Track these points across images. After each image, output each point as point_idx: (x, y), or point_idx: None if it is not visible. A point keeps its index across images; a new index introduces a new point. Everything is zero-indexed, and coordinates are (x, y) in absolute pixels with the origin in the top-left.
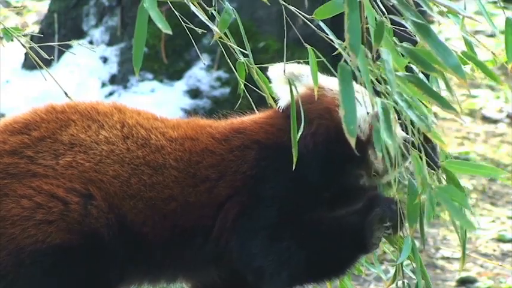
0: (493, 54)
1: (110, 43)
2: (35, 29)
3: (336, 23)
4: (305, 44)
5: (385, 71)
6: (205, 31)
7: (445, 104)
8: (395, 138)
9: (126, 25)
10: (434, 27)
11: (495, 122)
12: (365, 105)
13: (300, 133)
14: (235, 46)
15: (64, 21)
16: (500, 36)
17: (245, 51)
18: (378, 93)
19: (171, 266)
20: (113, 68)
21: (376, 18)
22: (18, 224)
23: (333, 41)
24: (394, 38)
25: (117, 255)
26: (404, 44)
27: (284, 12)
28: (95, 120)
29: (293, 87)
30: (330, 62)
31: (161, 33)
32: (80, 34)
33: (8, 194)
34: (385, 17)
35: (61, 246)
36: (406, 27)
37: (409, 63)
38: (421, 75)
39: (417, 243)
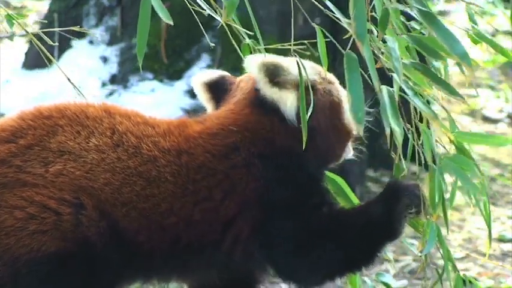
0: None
1: (110, 43)
2: (35, 29)
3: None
4: (312, 23)
5: (391, 59)
6: (210, 17)
7: (452, 91)
8: (401, 125)
9: (126, 25)
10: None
11: (495, 122)
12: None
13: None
14: (241, 28)
15: (64, 21)
16: (500, 36)
17: (250, 33)
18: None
19: (168, 272)
20: (113, 68)
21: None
22: (12, 234)
23: (339, 20)
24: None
25: (111, 262)
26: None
27: (292, 6)
28: (84, 126)
29: (302, 70)
30: (331, 61)
31: (161, 32)
32: (80, 34)
33: (0, 205)
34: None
35: (56, 254)
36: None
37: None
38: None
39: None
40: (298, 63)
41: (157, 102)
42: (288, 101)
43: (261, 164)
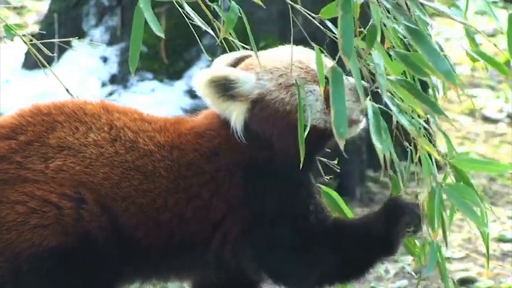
0: (495, 46)
1: (110, 43)
2: (35, 29)
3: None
4: (312, 43)
5: (376, 74)
6: (207, 28)
7: (436, 109)
8: (385, 142)
9: (126, 25)
10: (434, 26)
11: (495, 122)
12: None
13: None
14: (238, 42)
15: (64, 21)
16: (500, 36)
17: (247, 47)
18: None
19: (165, 269)
20: (113, 67)
21: (377, 21)
22: (14, 229)
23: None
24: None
25: (112, 257)
26: (397, 49)
27: (290, 10)
28: (82, 122)
29: (301, 90)
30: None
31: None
32: (80, 34)
33: (1, 201)
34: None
35: (57, 249)
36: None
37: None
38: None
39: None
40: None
41: (157, 102)
42: (233, 114)
43: (241, 172)
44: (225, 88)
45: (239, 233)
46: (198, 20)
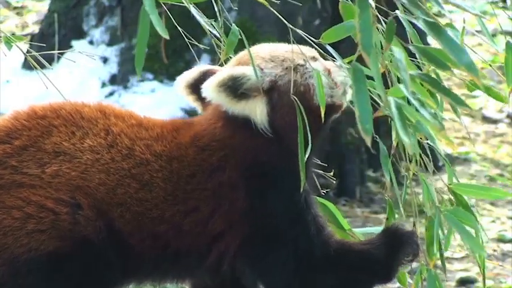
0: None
1: (110, 43)
2: (35, 29)
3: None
4: (314, 44)
5: (398, 70)
6: (207, 47)
7: (459, 101)
8: (410, 136)
9: (126, 25)
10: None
11: (495, 122)
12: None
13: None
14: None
15: (64, 21)
16: (500, 36)
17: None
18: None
19: (160, 275)
20: (113, 68)
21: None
22: (10, 234)
23: (335, 59)
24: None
25: (109, 260)
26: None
27: (290, 32)
28: (79, 127)
29: (300, 105)
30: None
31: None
32: (80, 34)
33: None
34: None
35: (55, 253)
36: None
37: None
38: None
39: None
40: (252, 64)
41: (157, 102)
42: (257, 111)
43: (245, 185)
44: (234, 88)
45: (238, 250)
46: (203, 22)
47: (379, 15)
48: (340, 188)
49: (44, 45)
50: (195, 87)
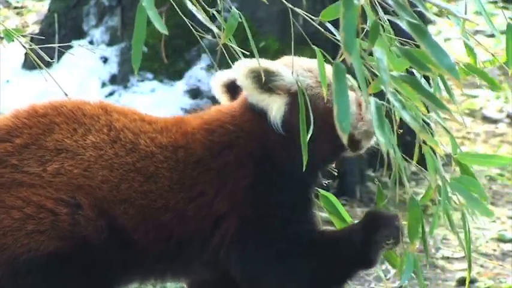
0: (493, 55)
1: (110, 43)
2: (35, 29)
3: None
4: (313, 46)
5: (379, 70)
6: (206, 35)
7: (439, 104)
8: (388, 136)
9: (126, 25)
10: (433, 27)
11: (495, 122)
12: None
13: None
14: (237, 48)
15: (64, 21)
16: (500, 36)
17: (247, 52)
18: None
19: (162, 270)
20: (113, 68)
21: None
22: (10, 234)
23: (338, 40)
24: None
25: (109, 260)
26: (399, 45)
27: (290, 12)
28: (81, 124)
29: (301, 86)
30: (332, 58)
31: (161, 33)
32: (80, 34)
33: None
34: (381, 17)
35: (55, 254)
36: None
37: (410, 67)
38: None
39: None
40: (292, 67)
41: (157, 102)
42: (274, 107)
43: (252, 164)
44: (264, 80)
45: (235, 232)
46: (203, 19)
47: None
48: (340, 188)
49: (44, 45)
50: (230, 87)
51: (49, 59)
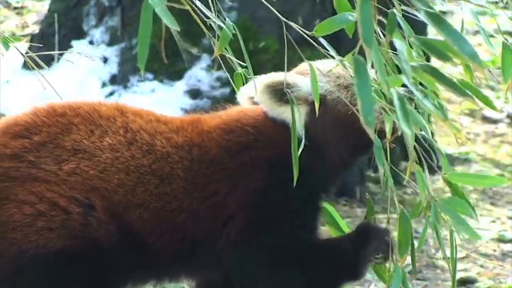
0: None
1: (110, 43)
2: (35, 29)
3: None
4: (312, 49)
5: (399, 61)
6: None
7: (461, 92)
8: (412, 127)
9: (126, 25)
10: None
11: (495, 122)
12: None
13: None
14: (233, 58)
15: (64, 21)
16: (500, 36)
17: (243, 64)
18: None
19: (177, 270)
20: (113, 68)
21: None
22: (20, 229)
23: (333, 57)
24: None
25: (119, 264)
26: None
27: (284, 26)
28: (97, 125)
29: (294, 106)
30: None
31: (162, 33)
32: (80, 34)
33: (9, 198)
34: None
35: (62, 252)
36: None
37: (425, 54)
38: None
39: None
40: (312, 73)
41: (157, 102)
42: (296, 117)
43: (267, 168)
44: (282, 93)
45: (239, 234)
46: (209, 14)
47: (383, 8)
48: (340, 188)
49: (44, 45)
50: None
51: (47, 63)
